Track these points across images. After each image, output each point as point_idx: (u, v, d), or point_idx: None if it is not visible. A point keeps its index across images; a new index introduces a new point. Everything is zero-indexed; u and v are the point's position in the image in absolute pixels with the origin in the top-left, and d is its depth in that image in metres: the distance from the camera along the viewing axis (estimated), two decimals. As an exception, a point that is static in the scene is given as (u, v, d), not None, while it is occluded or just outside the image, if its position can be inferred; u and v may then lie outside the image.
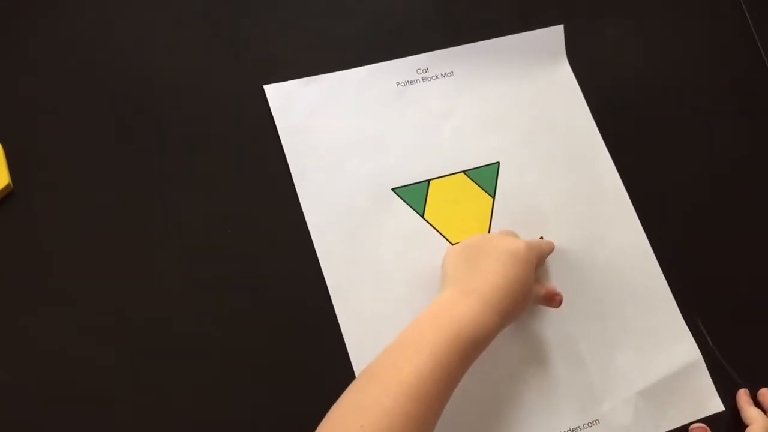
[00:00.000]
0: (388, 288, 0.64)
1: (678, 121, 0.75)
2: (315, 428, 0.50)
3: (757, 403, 0.66)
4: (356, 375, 0.60)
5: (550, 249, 0.66)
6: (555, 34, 0.75)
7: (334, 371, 0.60)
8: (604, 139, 0.72)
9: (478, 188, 0.68)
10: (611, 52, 0.77)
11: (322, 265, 0.63)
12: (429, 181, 0.68)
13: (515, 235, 0.64)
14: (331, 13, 0.73)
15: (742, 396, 0.65)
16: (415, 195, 0.67)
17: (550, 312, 0.65)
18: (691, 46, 0.79)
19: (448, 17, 0.75)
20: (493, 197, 0.68)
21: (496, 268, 0.58)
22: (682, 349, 0.66)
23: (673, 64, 0.78)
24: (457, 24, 0.75)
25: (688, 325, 0.67)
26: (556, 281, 0.66)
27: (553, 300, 0.63)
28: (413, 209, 0.67)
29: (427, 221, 0.67)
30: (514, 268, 0.58)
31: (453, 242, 0.66)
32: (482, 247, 0.60)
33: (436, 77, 0.72)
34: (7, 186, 0.61)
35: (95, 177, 0.64)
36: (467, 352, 0.54)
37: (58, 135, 0.64)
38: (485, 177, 0.69)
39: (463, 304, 0.55)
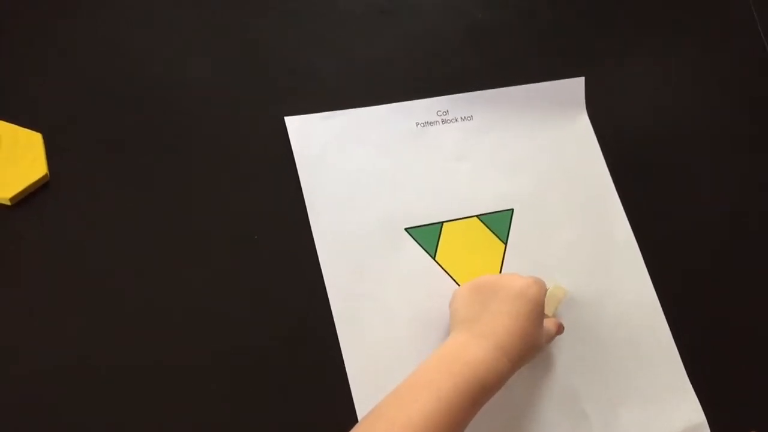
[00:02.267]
0: (393, 326, 0.63)
1: (692, 173, 0.76)
2: None
3: None
4: (356, 408, 0.60)
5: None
6: (576, 86, 0.75)
7: (333, 403, 0.60)
8: (617, 190, 0.72)
9: (491, 234, 0.69)
10: (627, 98, 0.78)
11: (329, 297, 0.63)
12: (442, 223, 0.68)
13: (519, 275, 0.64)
14: (352, 46, 0.74)
15: None
16: (427, 236, 0.67)
17: (555, 363, 0.65)
18: (708, 93, 0.80)
19: (470, 60, 0.76)
20: (506, 244, 0.68)
21: (506, 308, 0.58)
22: (686, 409, 0.66)
23: (690, 111, 0.79)
24: (478, 67, 0.76)
25: (693, 386, 0.66)
26: (566, 334, 0.65)
27: (559, 330, 0.63)
28: (425, 250, 0.67)
29: (438, 263, 0.67)
30: (524, 307, 0.58)
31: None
32: (492, 287, 0.60)
33: (456, 120, 0.73)
34: (44, 176, 0.62)
35: (127, 175, 0.65)
36: (477, 398, 0.53)
37: (96, 132, 0.65)
38: (499, 223, 0.69)
39: (475, 348, 0.55)
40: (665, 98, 0.79)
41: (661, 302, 0.69)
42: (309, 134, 0.69)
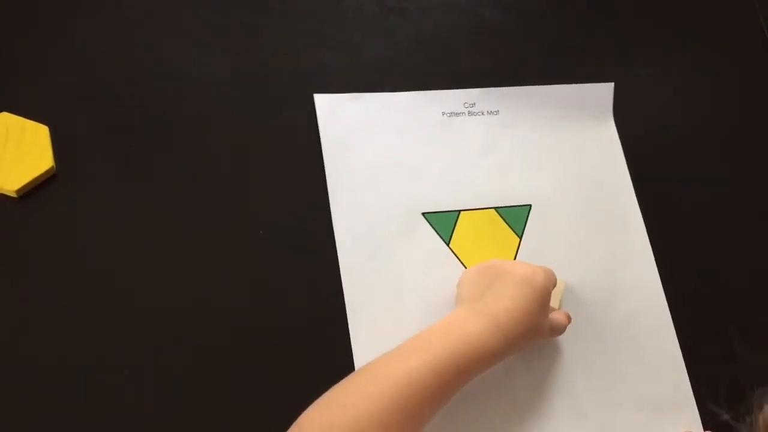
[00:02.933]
0: (403, 308, 0.64)
1: (712, 180, 0.76)
2: None
3: None
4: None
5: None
6: (605, 91, 0.76)
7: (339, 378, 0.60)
8: (638, 198, 0.73)
9: (507, 227, 0.69)
10: (654, 106, 0.78)
11: (342, 277, 0.64)
12: (460, 211, 0.68)
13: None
14: (374, 31, 0.75)
15: None
16: (444, 222, 0.68)
17: (558, 362, 0.65)
18: (730, 101, 0.81)
19: (478, 59, 0.77)
20: (520, 238, 0.69)
21: (509, 291, 0.58)
22: (686, 420, 0.65)
23: (718, 122, 0.79)
24: (486, 67, 0.76)
25: (696, 399, 0.66)
26: (570, 333, 0.66)
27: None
28: (440, 236, 0.67)
29: (451, 249, 0.67)
30: (528, 293, 0.58)
31: (472, 272, 0.66)
32: (498, 270, 0.60)
33: (482, 113, 0.73)
34: (51, 169, 0.62)
35: (134, 168, 0.65)
36: (467, 368, 0.54)
37: (103, 125, 0.66)
38: (515, 217, 0.69)
39: (473, 323, 0.56)
40: (685, 104, 0.79)
41: (671, 310, 0.69)
42: (336, 114, 0.70)
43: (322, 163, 0.67)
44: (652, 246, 0.71)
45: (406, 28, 0.76)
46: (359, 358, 0.61)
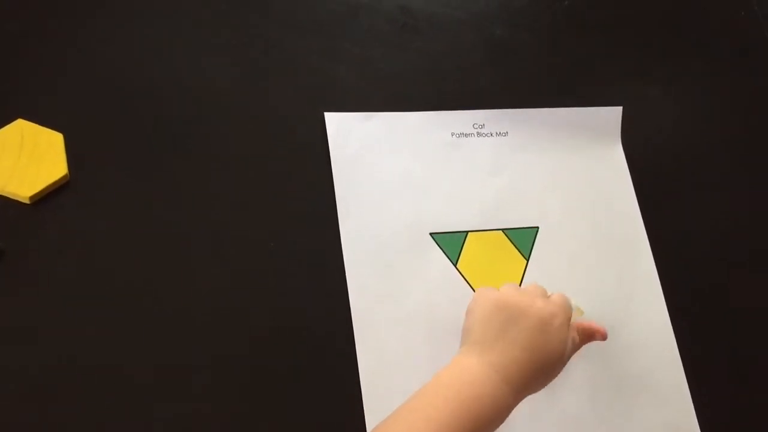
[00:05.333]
0: (408, 327, 0.64)
1: (721, 208, 0.76)
2: None
3: None
4: (365, 409, 0.60)
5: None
6: (613, 114, 0.76)
7: (343, 397, 0.61)
8: (645, 222, 0.73)
9: (514, 248, 0.69)
10: (662, 128, 0.79)
11: (350, 294, 0.64)
12: (467, 232, 0.69)
13: (545, 292, 0.63)
14: (386, 47, 0.76)
15: None
16: (451, 243, 0.68)
17: (562, 388, 0.64)
18: (740, 123, 0.81)
19: (489, 77, 0.77)
20: (527, 260, 0.69)
21: (524, 338, 0.55)
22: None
23: (726, 146, 0.79)
24: (511, 85, 0.77)
25: (700, 426, 0.66)
26: (575, 357, 0.65)
27: (593, 336, 0.63)
28: (447, 256, 0.67)
29: (458, 270, 0.67)
30: (545, 343, 0.56)
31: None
32: (513, 313, 0.57)
33: (491, 135, 0.74)
34: (65, 176, 0.62)
35: (146, 178, 0.65)
36: (476, 429, 0.52)
37: (117, 133, 0.66)
38: (523, 239, 0.70)
39: (482, 379, 0.53)
40: (694, 126, 0.80)
41: (677, 337, 0.69)
42: (346, 132, 0.70)
43: (332, 177, 0.68)
44: (658, 270, 0.71)
45: (417, 44, 0.77)
46: (365, 374, 0.61)
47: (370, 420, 0.60)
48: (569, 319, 0.60)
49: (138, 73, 0.69)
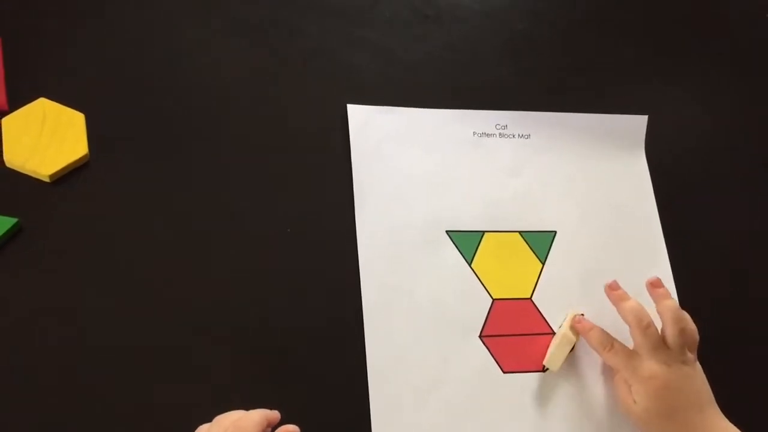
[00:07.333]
0: (418, 322, 0.64)
1: (741, 220, 0.75)
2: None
3: None
4: (371, 400, 0.60)
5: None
6: (638, 123, 0.75)
7: (351, 386, 0.61)
8: (664, 231, 0.72)
9: (530, 251, 0.69)
10: (685, 135, 0.78)
11: (362, 285, 0.64)
12: (484, 232, 0.68)
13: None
14: (407, 37, 0.76)
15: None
16: (467, 242, 0.67)
17: (578, 395, 0.64)
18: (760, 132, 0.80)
19: (508, 70, 0.77)
20: (543, 263, 0.68)
21: None
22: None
23: (749, 157, 0.79)
24: (530, 80, 0.77)
25: None
26: (588, 367, 0.66)
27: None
28: (462, 255, 0.67)
29: (473, 270, 0.67)
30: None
31: (493, 296, 0.66)
32: None
33: (513, 136, 0.73)
34: (85, 156, 0.63)
35: (166, 161, 0.66)
36: None
37: (138, 116, 0.66)
38: (540, 242, 0.69)
39: None
40: (717, 135, 0.79)
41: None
42: (368, 125, 0.70)
43: (351, 167, 0.68)
44: (675, 280, 0.70)
45: (438, 35, 0.77)
46: (373, 365, 0.61)
47: (376, 406, 0.60)
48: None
49: (162, 57, 0.70)
